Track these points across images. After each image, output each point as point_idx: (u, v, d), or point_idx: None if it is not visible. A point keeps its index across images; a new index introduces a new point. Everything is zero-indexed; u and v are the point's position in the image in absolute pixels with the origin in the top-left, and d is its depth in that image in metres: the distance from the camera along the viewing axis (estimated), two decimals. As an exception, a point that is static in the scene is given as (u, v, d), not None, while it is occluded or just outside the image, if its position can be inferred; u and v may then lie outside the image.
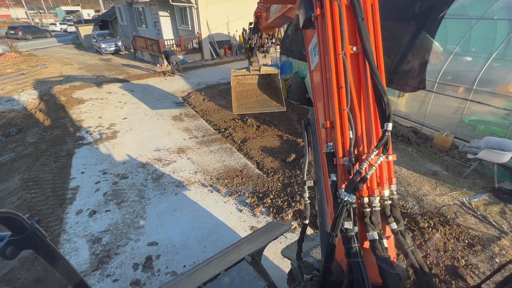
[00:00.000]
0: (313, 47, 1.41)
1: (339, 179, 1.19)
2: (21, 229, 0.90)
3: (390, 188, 1.19)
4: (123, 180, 4.94)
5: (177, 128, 7.13)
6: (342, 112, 1.18)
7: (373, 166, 1.08)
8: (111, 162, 5.56)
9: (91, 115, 8.12)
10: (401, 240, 1.17)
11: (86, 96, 9.95)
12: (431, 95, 5.76)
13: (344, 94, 1.17)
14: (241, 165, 5.33)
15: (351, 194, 1.07)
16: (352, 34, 1.21)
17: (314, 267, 1.52)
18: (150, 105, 8.90)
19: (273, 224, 2.65)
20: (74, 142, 6.41)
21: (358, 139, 1.20)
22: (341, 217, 1.09)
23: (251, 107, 5.51)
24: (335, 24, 1.18)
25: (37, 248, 0.98)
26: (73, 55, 18.78)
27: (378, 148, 1.07)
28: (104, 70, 14.00)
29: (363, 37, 1.14)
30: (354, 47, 1.21)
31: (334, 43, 1.19)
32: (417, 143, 5.72)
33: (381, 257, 1.09)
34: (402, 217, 1.21)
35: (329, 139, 1.25)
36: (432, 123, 5.91)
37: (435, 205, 3.98)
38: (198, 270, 2.09)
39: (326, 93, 1.28)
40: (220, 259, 2.16)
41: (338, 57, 1.18)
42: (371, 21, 1.21)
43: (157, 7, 15.80)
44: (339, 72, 1.18)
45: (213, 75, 12.46)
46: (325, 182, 1.36)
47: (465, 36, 5.44)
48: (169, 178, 4.96)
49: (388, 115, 1.08)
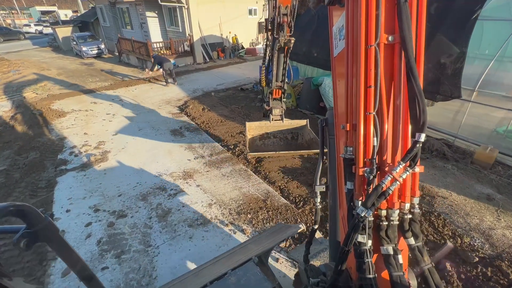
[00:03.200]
0: (338, 29, 1.19)
1: (357, 190, 1.08)
2: (36, 222, 0.93)
3: (412, 201, 1.07)
4: (120, 219, 4.00)
5: (178, 145, 6.20)
6: (367, 116, 1.02)
7: (397, 180, 0.95)
8: (103, 194, 4.58)
9: (75, 131, 7.02)
10: (418, 257, 1.07)
11: (67, 107, 8.77)
12: (467, 105, 5.19)
13: (372, 95, 1.00)
14: (262, 193, 4.51)
15: (369, 210, 0.96)
16: (390, 19, 0.98)
17: (320, 272, 1.46)
18: (143, 117, 7.89)
19: (281, 226, 2.63)
20: (55, 168, 5.34)
21: (382, 147, 1.05)
22: (355, 232, 0.99)
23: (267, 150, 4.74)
24: (370, 4, 0.96)
25: (50, 241, 1.02)
26: (51, 59, 17.20)
27: (405, 161, 0.94)
28: (87, 76, 12.72)
29: (403, 24, 0.92)
30: (390, 37, 0.99)
31: (367, 30, 0.97)
32: (455, 159, 5.13)
33: (395, 274, 1.00)
34: (421, 232, 1.10)
35: (349, 143, 1.14)
36: (468, 135, 5.36)
37: (508, 242, 3.34)
38: (205, 268, 2.11)
39: (350, 90, 1.11)
40: (227, 259, 2.18)
41: (370, 48, 0.98)
42: (416, 3, 0.98)
43: (143, 7, 14.66)
44: (369, 68, 0.99)
45: (209, 81, 11.54)
46: (339, 188, 1.28)
47: (507, 40, 4.91)
48: (179, 214, 4.06)
49: (422, 123, 0.93)
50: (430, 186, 4.37)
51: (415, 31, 0.99)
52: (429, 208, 3.92)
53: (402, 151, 1.04)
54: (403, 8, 0.92)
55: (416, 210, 1.07)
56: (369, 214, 0.97)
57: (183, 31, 14.62)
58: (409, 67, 0.94)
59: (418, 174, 1.06)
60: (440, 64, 5.33)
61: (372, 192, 0.98)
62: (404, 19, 0.92)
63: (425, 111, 0.94)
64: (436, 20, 5.54)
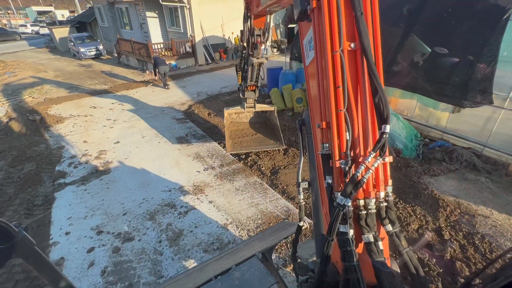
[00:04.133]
0: (308, 41, 1.34)
1: (335, 182, 1.17)
2: (9, 237, 0.90)
3: (385, 190, 1.16)
4: (127, 243, 3.57)
5: (185, 154, 5.78)
6: (338, 113, 1.13)
7: (370, 169, 1.07)
8: (106, 212, 4.15)
9: (74, 139, 6.58)
10: (396, 242, 1.15)
11: (65, 112, 8.32)
12: (500, 112, 4.82)
13: (341, 94, 1.12)
14: (282, 210, 4.11)
15: (348, 198, 1.05)
16: (350, 29, 1.14)
17: (309, 268, 1.46)
18: (146, 123, 7.45)
19: (284, 224, 2.69)
20: (53, 182, 4.91)
21: (354, 141, 1.16)
22: (337, 221, 1.07)
23: (246, 146, 5.35)
24: (332, 18, 1.12)
25: (26, 256, 0.98)
26: (47, 60, 16.70)
27: (375, 151, 1.05)
28: (85, 79, 12.26)
29: (361, 33, 1.07)
30: (352, 44, 1.14)
31: (331, 39, 1.12)
32: (487, 170, 4.75)
33: (377, 259, 1.09)
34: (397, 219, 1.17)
35: (325, 140, 1.23)
36: (499, 144, 4.99)
37: None
38: (210, 263, 2.15)
39: (322, 92, 1.23)
40: (231, 254, 2.22)
41: (335, 54, 1.12)
42: (370, 16, 1.13)
43: (143, 7, 14.21)
44: (336, 70, 1.12)
45: (213, 83, 11.12)
46: (320, 184, 1.35)
47: (545, 42, 4.54)
48: (191, 237, 3.65)
49: (386, 116, 1.06)
50: (467, 203, 3.99)
51: (372, 38, 1.13)
52: (470, 229, 3.54)
53: (372, 143, 1.14)
54: (360, 19, 1.08)
55: (390, 198, 1.16)
56: (348, 202, 1.05)
57: (184, 31, 14.19)
58: (370, 68, 1.07)
59: (388, 164, 1.16)
60: (468, 68, 4.96)
61: (349, 182, 1.06)
62: (362, 28, 1.07)
63: (387, 105, 1.06)
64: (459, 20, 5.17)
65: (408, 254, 1.16)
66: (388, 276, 1.07)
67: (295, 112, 7.55)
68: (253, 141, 5.48)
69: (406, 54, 5.83)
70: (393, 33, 6.05)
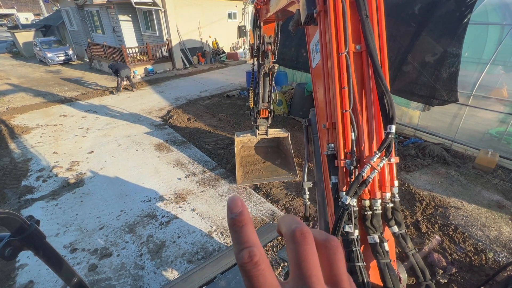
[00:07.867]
0: (314, 44, 1.36)
1: (340, 182, 1.17)
2: (20, 230, 0.92)
3: (391, 191, 1.16)
4: (104, 260, 3.36)
5: (165, 162, 5.60)
6: (344, 113, 1.15)
7: (375, 169, 1.08)
8: (80, 227, 3.89)
9: (42, 150, 6.14)
10: (402, 243, 1.13)
11: (32, 121, 7.76)
12: (465, 109, 5.17)
13: (346, 95, 1.14)
14: (267, 214, 4.09)
15: (353, 197, 1.07)
16: (356, 32, 1.17)
17: None
18: (122, 130, 7.14)
19: (269, 226, 2.59)
20: (18, 198, 4.53)
21: (360, 141, 1.17)
22: (342, 220, 1.08)
23: (258, 176, 4.95)
24: (338, 21, 1.14)
25: (36, 249, 0.99)
26: (10, 66, 15.55)
27: (380, 151, 1.07)
28: (54, 85, 11.54)
29: (367, 35, 1.11)
30: (358, 46, 1.17)
31: (337, 41, 1.15)
32: (456, 164, 5.06)
33: (382, 261, 1.07)
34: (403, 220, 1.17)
35: (330, 140, 1.24)
36: (465, 139, 5.34)
37: (532, 255, 3.21)
38: (194, 273, 2.09)
39: (328, 93, 1.24)
40: (215, 262, 2.17)
41: (341, 56, 1.14)
42: (376, 18, 1.16)
43: (115, 10, 13.70)
44: (342, 72, 1.15)
45: (191, 87, 10.94)
46: (325, 184, 1.34)
47: (501, 44, 4.93)
48: (175, 248, 3.51)
49: (391, 116, 1.08)
50: (441, 196, 4.21)
51: (378, 40, 1.15)
52: (444, 221, 3.73)
53: (377, 143, 1.15)
54: (365, 22, 1.11)
55: (396, 199, 1.15)
56: (352, 202, 1.06)
57: (160, 35, 13.86)
58: (375, 70, 1.10)
59: (394, 165, 1.16)
60: (435, 69, 5.28)
61: (354, 181, 1.07)
62: (367, 30, 1.10)
63: (392, 106, 1.07)
64: (423, 22, 5.49)
65: (414, 257, 1.14)
66: (394, 278, 1.06)
67: (276, 114, 7.59)
68: (265, 170, 5.07)
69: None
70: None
